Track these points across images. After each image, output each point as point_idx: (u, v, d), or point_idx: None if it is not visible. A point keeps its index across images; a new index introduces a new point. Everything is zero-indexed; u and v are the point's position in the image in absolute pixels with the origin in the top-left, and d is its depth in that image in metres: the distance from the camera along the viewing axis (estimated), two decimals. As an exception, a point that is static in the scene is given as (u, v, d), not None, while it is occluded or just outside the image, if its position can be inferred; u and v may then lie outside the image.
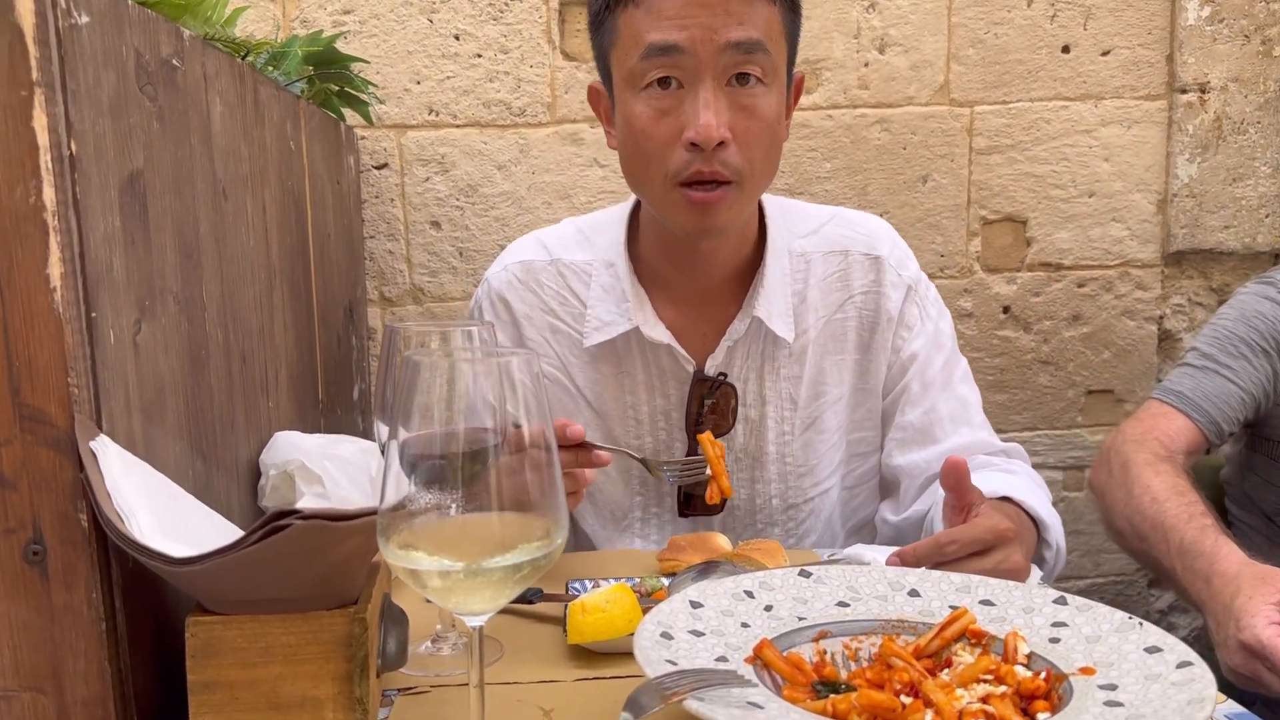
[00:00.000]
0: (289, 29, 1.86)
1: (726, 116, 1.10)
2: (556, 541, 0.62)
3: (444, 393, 0.60)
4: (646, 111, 1.12)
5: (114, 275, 0.71)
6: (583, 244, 1.31)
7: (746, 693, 0.67)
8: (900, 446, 1.29)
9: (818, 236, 1.30)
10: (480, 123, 1.93)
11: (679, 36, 1.08)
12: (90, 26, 0.68)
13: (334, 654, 0.71)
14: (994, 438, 1.29)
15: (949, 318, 1.33)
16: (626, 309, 1.25)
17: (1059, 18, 1.96)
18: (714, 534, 1.12)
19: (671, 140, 1.11)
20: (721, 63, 1.08)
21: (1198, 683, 0.67)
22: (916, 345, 1.28)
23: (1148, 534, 1.28)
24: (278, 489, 1.03)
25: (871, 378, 1.30)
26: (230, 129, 1.00)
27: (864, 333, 1.29)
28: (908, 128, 1.97)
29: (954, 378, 1.29)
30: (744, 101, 1.11)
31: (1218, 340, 1.44)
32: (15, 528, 0.67)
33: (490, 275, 1.34)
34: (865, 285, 1.28)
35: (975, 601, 0.83)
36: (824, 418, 1.30)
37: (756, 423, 1.28)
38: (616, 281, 1.26)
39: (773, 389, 1.28)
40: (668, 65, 1.09)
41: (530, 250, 1.33)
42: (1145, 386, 2.08)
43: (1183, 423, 1.40)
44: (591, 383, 1.29)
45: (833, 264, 1.28)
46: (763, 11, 1.10)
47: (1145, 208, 2.02)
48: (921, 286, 1.30)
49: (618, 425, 1.29)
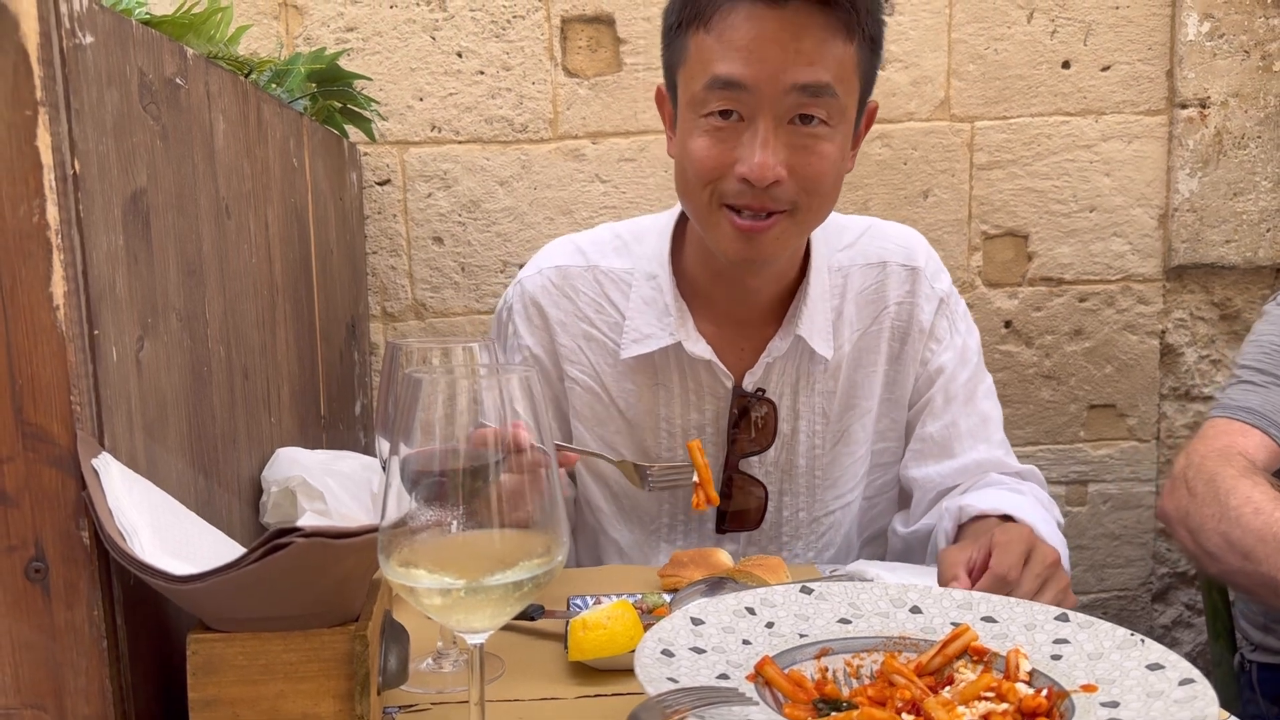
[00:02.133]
0: (292, 47, 1.87)
1: (784, 155, 1.07)
2: (557, 558, 0.62)
3: (445, 409, 0.60)
4: (704, 140, 1.10)
5: (117, 293, 0.71)
6: (621, 251, 1.30)
7: (748, 710, 0.67)
8: (917, 458, 1.29)
9: (854, 249, 1.29)
10: (482, 139, 1.94)
11: (744, 73, 1.05)
12: (94, 46, 0.69)
13: (335, 671, 0.71)
14: (1011, 458, 1.28)
15: (977, 333, 1.33)
16: (668, 323, 1.23)
17: (1059, 33, 1.97)
18: (716, 550, 1.12)
19: (725, 170, 1.09)
20: (785, 104, 1.06)
21: (1200, 700, 0.67)
22: (944, 359, 1.28)
23: (1253, 548, 1.18)
24: (279, 505, 1.03)
25: (899, 388, 1.30)
26: (233, 147, 1.00)
27: (894, 343, 1.28)
28: (908, 143, 1.98)
29: (977, 393, 1.29)
30: (805, 142, 1.08)
31: (1267, 355, 1.39)
32: (17, 545, 0.67)
33: (525, 279, 1.31)
34: (900, 296, 1.27)
35: (977, 618, 0.83)
36: (853, 430, 1.29)
37: (789, 437, 1.28)
38: (658, 294, 1.25)
39: (806, 404, 1.27)
40: (730, 99, 1.07)
41: (567, 255, 1.30)
42: (1147, 401, 2.08)
43: (1259, 438, 1.33)
44: (625, 393, 1.28)
45: (870, 276, 1.27)
46: (836, 51, 1.06)
47: (1146, 222, 2.03)
48: (953, 300, 1.30)
49: (649, 437, 1.29)
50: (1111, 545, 2.12)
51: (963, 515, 1.17)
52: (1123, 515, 2.12)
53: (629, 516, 1.32)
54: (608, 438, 1.29)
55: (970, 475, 1.25)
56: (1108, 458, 2.10)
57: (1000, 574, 0.92)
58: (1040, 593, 0.92)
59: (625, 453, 1.29)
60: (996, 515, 1.14)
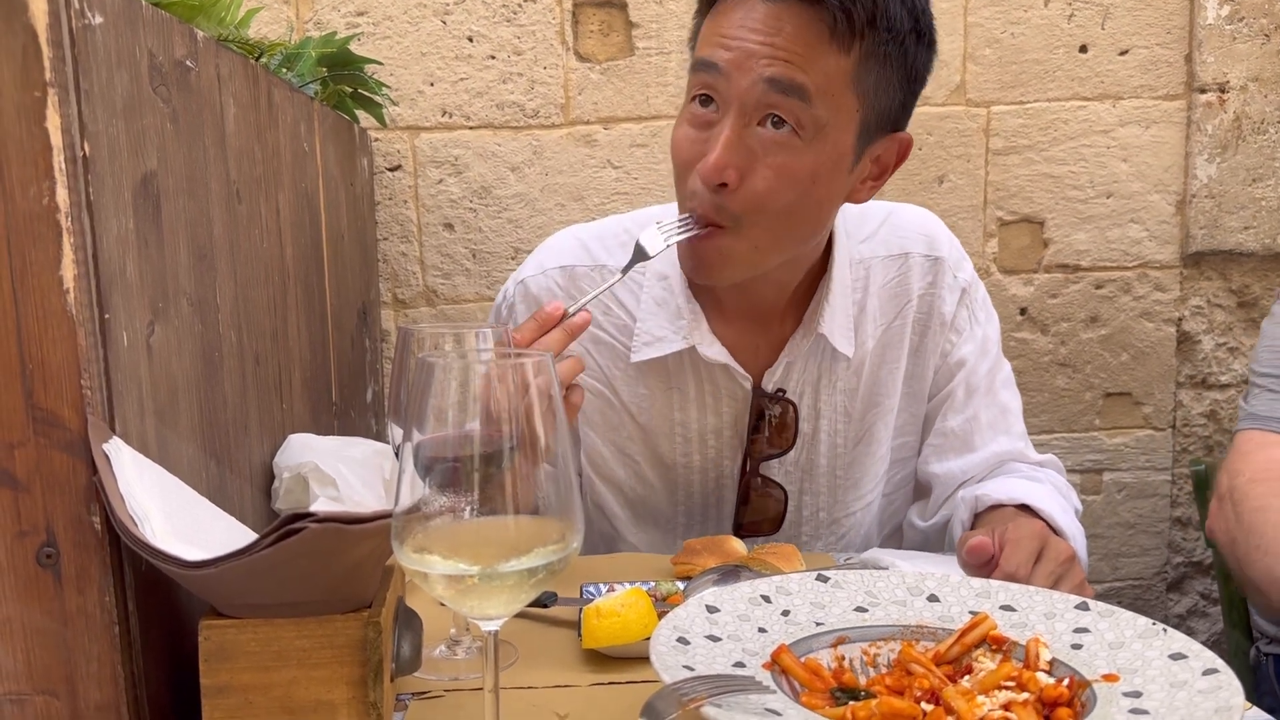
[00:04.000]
0: (303, 31, 1.86)
1: (740, 158, 1.01)
2: (572, 545, 0.61)
3: (458, 395, 0.60)
4: (684, 129, 1.07)
5: (127, 277, 0.71)
6: (629, 247, 1.20)
7: (764, 699, 0.66)
8: (937, 453, 1.26)
9: (875, 241, 1.24)
10: (494, 125, 1.93)
11: (721, 56, 1.02)
12: (104, 27, 0.68)
13: (348, 658, 0.70)
14: (1031, 450, 1.26)
15: (996, 321, 1.29)
16: (681, 326, 1.18)
17: (1076, 17, 1.95)
18: (729, 537, 1.11)
19: (692, 165, 1.05)
20: (753, 97, 1.00)
21: (1224, 690, 0.66)
22: (965, 351, 1.24)
23: None
24: (291, 491, 1.03)
25: (918, 381, 1.26)
26: (244, 131, 1.00)
27: (915, 336, 1.25)
28: (924, 128, 1.96)
29: (996, 383, 1.26)
30: (765, 149, 1.02)
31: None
32: (28, 530, 0.67)
33: (528, 278, 1.25)
34: (923, 288, 1.23)
35: (995, 607, 0.82)
36: (875, 429, 1.26)
37: (809, 436, 1.24)
38: (670, 295, 1.19)
39: (827, 402, 1.23)
40: (707, 84, 1.03)
41: (572, 253, 1.24)
42: (1163, 389, 2.06)
43: None
44: (638, 398, 1.23)
45: (892, 269, 1.23)
46: (822, 56, 0.99)
47: (1164, 208, 2.01)
48: (973, 289, 1.26)
49: (664, 442, 1.24)
50: (1126, 534, 2.11)
51: (979, 504, 1.15)
52: (1138, 504, 2.10)
53: (645, 520, 1.29)
54: (620, 444, 1.26)
55: (989, 469, 1.24)
56: (1123, 446, 2.08)
57: (1009, 572, 0.91)
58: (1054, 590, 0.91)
59: (638, 459, 1.26)
60: (1013, 505, 1.13)
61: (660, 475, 1.27)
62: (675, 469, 1.26)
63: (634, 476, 1.27)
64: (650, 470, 1.26)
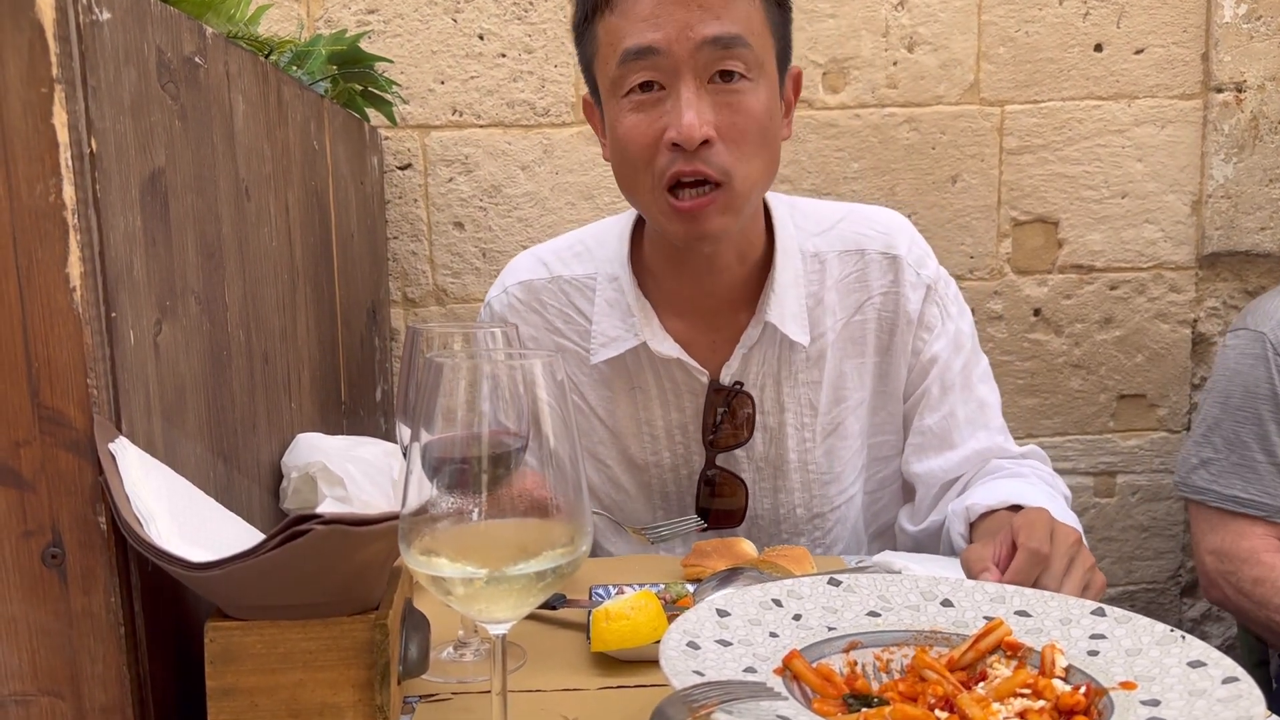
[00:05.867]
0: (313, 28, 1.86)
1: (710, 115, 1.06)
2: (581, 548, 0.60)
3: (467, 395, 0.59)
4: (630, 118, 1.09)
5: (134, 275, 0.70)
6: (583, 257, 1.28)
7: (776, 705, 0.65)
8: (918, 452, 1.26)
9: (832, 234, 1.25)
10: (504, 123, 1.92)
11: (654, 37, 1.04)
12: (111, 23, 0.67)
13: (355, 660, 0.70)
14: (1010, 442, 1.26)
15: (969, 315, 1.29)
16: (633, 324, 1.21)
17: (1091, 15, 1.93)
18: (740, 540, 1.10)
19: (655, 143, 1.07)
20: (701, 60, 1.05)
21: (1245, 699, 0.64)
22: (937, 348, 1.24)
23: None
24: (299, 491, 1.02)
25: (892, 381, 1.26)
26: (253, 128, 0.99)
27: (883, 335, 1.25)
28: (937, 127, 1.95)
29: (973, 378, 1.26)
30: (729, 99, 1.07)
31: (1228, 414, 1.57)
32: (34, 530, 0.66)
33: (491, 299, 1.31)
34: (884, 286, 1.24)
35: (1010, 612, 0.81)
36: (846, 423, 1.26)
37: (776, 430, 1.25)
38: (621, 295, 1.23)
39: (791, 395, 1.24)
40: (646, 68, 1.06)
41: (529, 269, 1.29)
42: (1178, 391, 2.04)
43: (1264, 530, 1.51)
44: (604, 400, 1.26)
45: (849, 264, 1.24)
46: (741, 6, 1.06)
47: (1179, 209, 1.99)
48: (941, 285, 1.26)
49: (633, 442, 1.27)
50: (1140, 538, 2.09)
51: (971, 515, 1.14)
52: (1152, 507, 2.08)
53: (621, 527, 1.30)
54: (591, 449, 1.28)
55: (972, 465, 1.23)
56: (1137, 448, 2.06)
57: (1034, 548, 0.89)
58: (1069, 571, 0.90)
59: (610, 463, 1.28)
60: (1005, 508, 1.12)
61: (633, 478, 1.29)
62: (648, 469, 1.28)
63: (608, 482, 1.29)
64: (623, 474, 1.29)
